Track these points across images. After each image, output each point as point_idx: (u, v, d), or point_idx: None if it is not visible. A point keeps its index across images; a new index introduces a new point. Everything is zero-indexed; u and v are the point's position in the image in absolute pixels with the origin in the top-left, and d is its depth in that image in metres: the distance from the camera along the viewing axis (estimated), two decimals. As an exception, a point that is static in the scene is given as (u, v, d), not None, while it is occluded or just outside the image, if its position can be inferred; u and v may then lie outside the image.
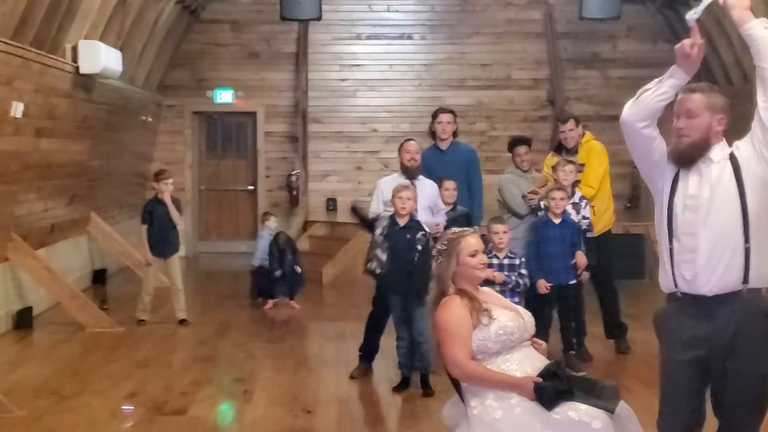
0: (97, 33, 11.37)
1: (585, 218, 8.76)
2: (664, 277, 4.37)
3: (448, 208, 8.80)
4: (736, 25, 4.31)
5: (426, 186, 8.60)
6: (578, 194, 8.81)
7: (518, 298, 7.66)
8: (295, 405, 7.56)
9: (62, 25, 10.28)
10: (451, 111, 9.73)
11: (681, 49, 4.24)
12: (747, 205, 4.22)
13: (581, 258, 8.49)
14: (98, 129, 12.74)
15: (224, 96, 17.47)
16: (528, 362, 4.36)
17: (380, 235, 8.02)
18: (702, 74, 13.53)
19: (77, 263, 13.15)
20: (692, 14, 4.28)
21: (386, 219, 8.00)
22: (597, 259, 8.74)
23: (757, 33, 4.23)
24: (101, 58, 11.07)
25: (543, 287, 8.22)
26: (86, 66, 10.98)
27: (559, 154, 9.33)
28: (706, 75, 13.75)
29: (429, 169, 9.15)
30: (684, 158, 4.30)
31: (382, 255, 7.99)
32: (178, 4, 15.14)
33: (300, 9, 15.27)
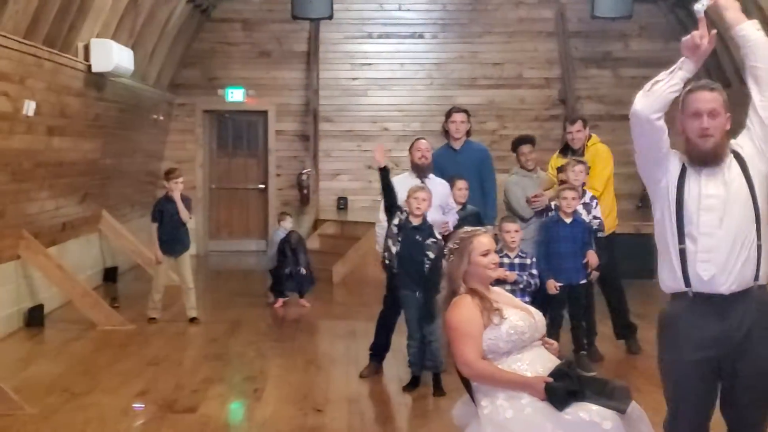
0: (109, 32, 11.39)
1: (596, 218, 8.74)
2: (671, 278, 4.34)
3: (459, 208, 8.80)
4: (729, 26, 4.32)
5: (437, 185, 8.59)
6: (589, 194, 8.79)
7: (529, 298, 7.65)
8: (306, 404, 7.56)
9: (74, 24, 10.30)
10: (465, 110, 9.71)
11: (690, 41, 4.23)
12: (757, 203, 4.25)
13: (593, 257, 8.49)
14: (110, 127, 12.76)
15: (235, 95, 17.49)
16: (539, 362, 4.35)
17: (395, 226, 8.01)
18: (713, 72, 13.52)
19: (88, 261, 13.18)
20: (700, 6, 4.28)
21: (405, 213, 7.98)
22: (604, 260, 8.74)
23: (751, 34, 4.28)
24: (113, 57, 11.09)
25: (552, 287, 8.21)
26: (98, 64, 11.00)
27: (565, 156, 9.32)
28: (718, 74, 13.72)
29: (441, 169, 9.14)
30: (708, 159, 4.27)
31: (393, 247, 7.99)
32: (190, 3, 15.15)
33: (311, 8, 15.28)
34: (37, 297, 10.84)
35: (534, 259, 8.14)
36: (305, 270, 12.02)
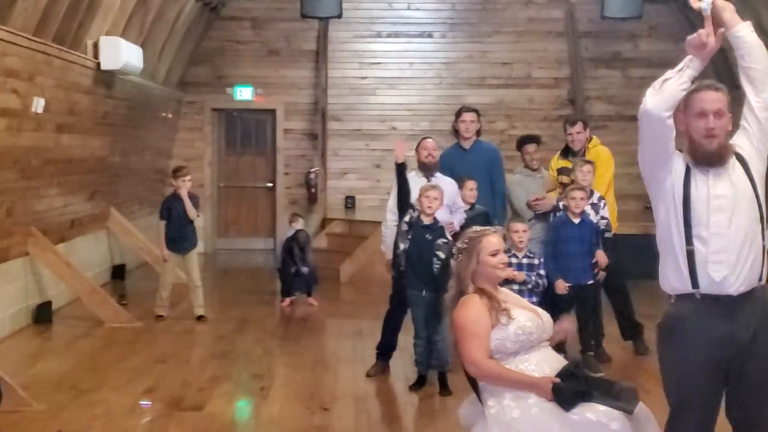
0: (119, 29, 11.40)
1: (603, 218, 8.73)
2: (677, 279, 4.32)
3: (467, 208, 8.79)
4: (726, 27, 4.30)
5: (444, 183, 8.56)
6: (597, 194, 8.77)
7: (536, 298, 7.64)
8: (312, 402, 7.57)
9: (84, 22, 10.31)
10: (475, 110, 9.70)
11: (696, 40, 4.23)
12: (761, 203, 4.27)
13: (602, 257, 8.49)
14: (119, 125, 12.78)
15: (244, 93, 17.50)
16: (546, 363, 4.35)
17: (405, 223, 8.00)
18: (722, 73, 13.48)
19: (97, 258, 13.20)
20: (706, 4, 4.27)
21: (416, 211, 7.97)
22: (610, 261, 8.73)
23: (747, 36, 4.29)
24: (122, 55, 11.10)
25: (561, 287, 8.19)
26: (107, 62, 11.01)
27: (566, 157, 9.32)
28: (729, 75, 13.68)
29: (451, 168, 9.14)
30: (714, 159, 4.26)
31: (402, 244, 7.97)
32: (199, 1, 15.16)
33: (320, 6, 15.26)
34: (46, 294, 10.86)
35: (542, 260, 8.13)
36: (307, 268, 12.02)
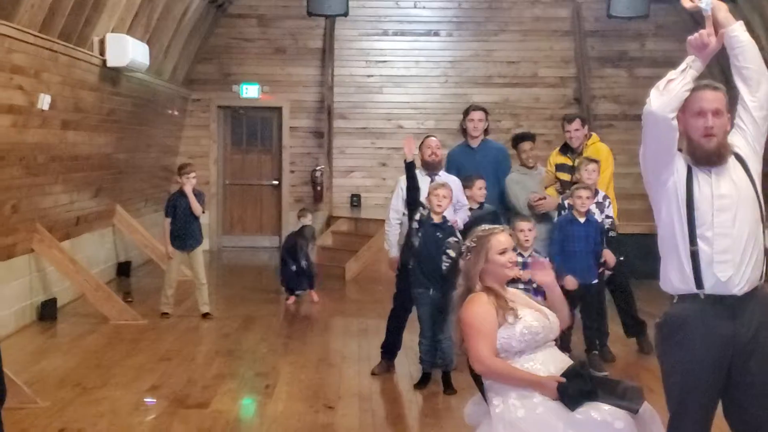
0: (125, 26, 11.41)
1: (608, 217, 8.72)
2: (680, 279, 4.31)
3: (476, 207, 8.76)
4: (721, 26, 4.30)
5: (449, 182, 8.56)
6: (601, 193, 8.76)
7: (542, 298, 7.61)
8: (317, 401, 7.57)
9: (90, 18, 10.31)
10: (483, 108, 9.69)
11: (698, 40, 4.25)
12: (761, 202, 4.27)
13: (610, 256, 8.50)
14: (124, 122, 12.78)
15: (250, 91, 17.51)
16: (552, 362, 4.35)
17: (416, 221, 7.97)
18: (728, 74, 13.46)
19: (102, 255, 13.22)
20: (707, 3, 4.27)
21: (426, 209, 7.96)
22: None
23: (741, 35, 4.30)
24: (128, 52, 11.11)
25: (571, 283, 8.15)
26: (113, 59, 11.02)
27: (565, 154, 9.32)
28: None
29: (459, 167, 9.13)
30: (713, 158, 4.26)
31: (416, 241, 7.96)
32: (206, -1, 15.19)
33: (327, 4, 15.27)
34: (51, 291, 10.87)
35: (547, 259, 8.11)
36: (306, 263, 12.06)
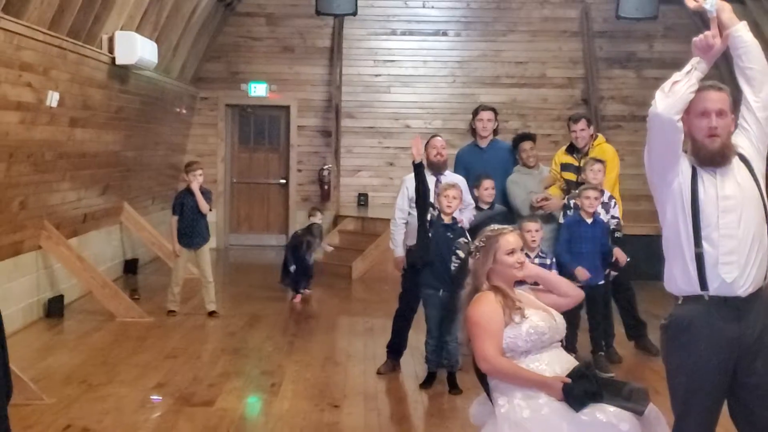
0: (134, 24, 11.43)
1: (614, 218, 8.72)
2: (685, 281, 4.29)
3: (486, 207, 8.75)
4: (725, 27, 4.30)
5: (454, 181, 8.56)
6: (607, 194, 8.75)
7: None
8: (322, 399, 7.57)
9: (99, 16, 10.32)
10: (493, 108, 9.69)
11: (703, 42, 4.25)
12: (766, 203, 4.26)
13: (621, 254, 8.54)
14: (132, 120, 12.80)
15: (258, 89, 17.52)
16: (557, 363, 4.35)
17: (428, 222, 7.97)
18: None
19: (109, 253, 13.24)
20: (711, 5, 4.27)
21: (437, 210, 7.94)
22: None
23: (745, 35, 4.29)
24: (137, 50, 11.12)
25: (582, 274, 8.14)
26: (122, 57, 11.03)
27: (571, 154, 9.31)
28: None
29: (467, 167, 9.12)
30: (717, 159, 4.25)
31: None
32: (214, -3, 15.19)
33: (335, 4, 15.29)
34: (58, 287, 10.90)
35: (553, 259, 8.12)
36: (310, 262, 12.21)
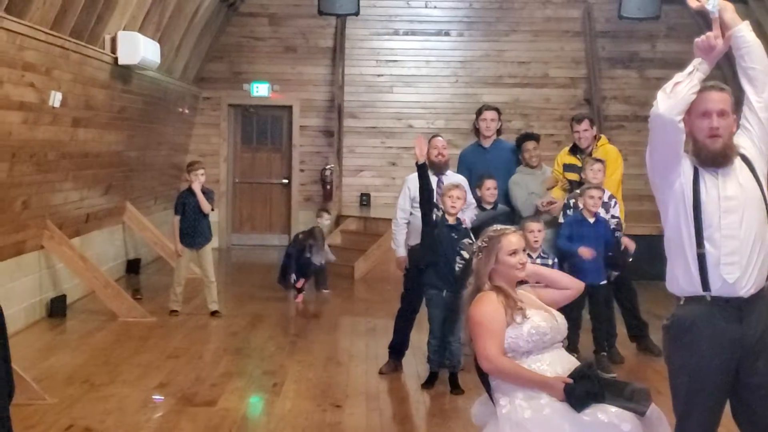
0: (136, 24, 11.43)
1: (614, 217, 8.72)
2: (687, 282, 4.29)
3: (489, 207, 8.75)
4: (727, 27, 4.30)
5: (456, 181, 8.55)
6: (607, 193, 8.74)
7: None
8: (324, 399, 7.57)
9: (101, 16, 10.33)
10: (496, 108, 9.69)
11: (705, 42, 4.25)
12: (767, 203, 4.25)
13: (629, 242, 8.61)
14: (135, 120, 12.80)
15: (261, 89, 17.51)
16: (559, 363, 4.35)
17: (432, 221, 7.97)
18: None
19: (111, 252, 13.24)
20: (714, 6, 4.27)
21: (441, 210, 7.92)
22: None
23: (748, 36, 4.29)
24: (140, 50, 11.12)
25: (587, 252, 8.15)
26: (124, 57, 11.03)
27: (574, 154, 9.31)
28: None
29: (470, 167, 9.12)
30: (718, 159, 4.25)
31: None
32: (217, -3, 15.19)
33: (338, 4, 15.28)
34: (60, 287, 10.90)
35: (555, 260, 8.13)
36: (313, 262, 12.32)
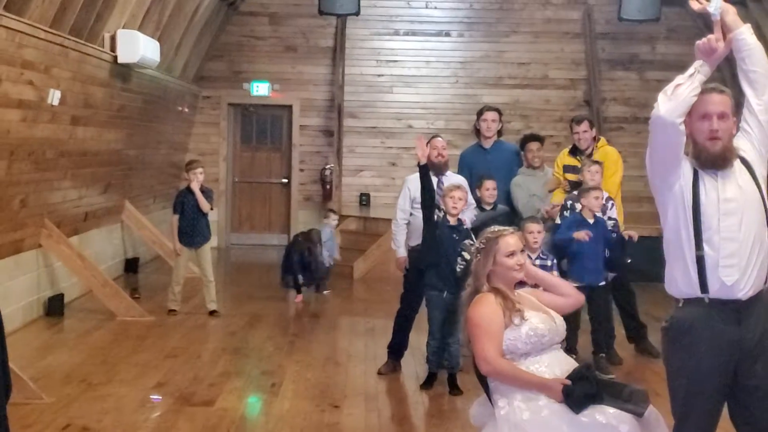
0: (136, 23, 11.42)
1: (611, 219, 8.73)
2: (685, 284, 4.29)
3: (489, 208, 8.74)
4: (729, 29, 4.30)
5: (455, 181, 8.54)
6: (605, 194, 8.74)
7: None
8: (323, 399, 7.57)
9: (101, 14, 10.32)
10: (497, 109, 9.68)
11: (706, 44, 4.26)
12: (766, 206, 4.25)
13: (633, 232, 8.62)
14: (134, 118, 12.79)
15: (260, 89, 17.50)
16: (557, 365, 4.34)
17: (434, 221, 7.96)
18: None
19: (110, 251, 13.23)
20: (716, 8, 4.26)
21: (442, 211, 7.92)
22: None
23: (749, 38, 4.29)
24: (139, 48, 11.11)
25: (582, 235, 8.16)
26: (124, 55, 11.02)
27: (574, 155, 9.31)
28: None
29: (471, 167, 9.11)
30: (718, 162, 4.25)
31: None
32: (217, -4, 15.19)
33: (338, 4, 15.28)
34: (58, 286, 10.89)
35: (555, 261, 8.12)
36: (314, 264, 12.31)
